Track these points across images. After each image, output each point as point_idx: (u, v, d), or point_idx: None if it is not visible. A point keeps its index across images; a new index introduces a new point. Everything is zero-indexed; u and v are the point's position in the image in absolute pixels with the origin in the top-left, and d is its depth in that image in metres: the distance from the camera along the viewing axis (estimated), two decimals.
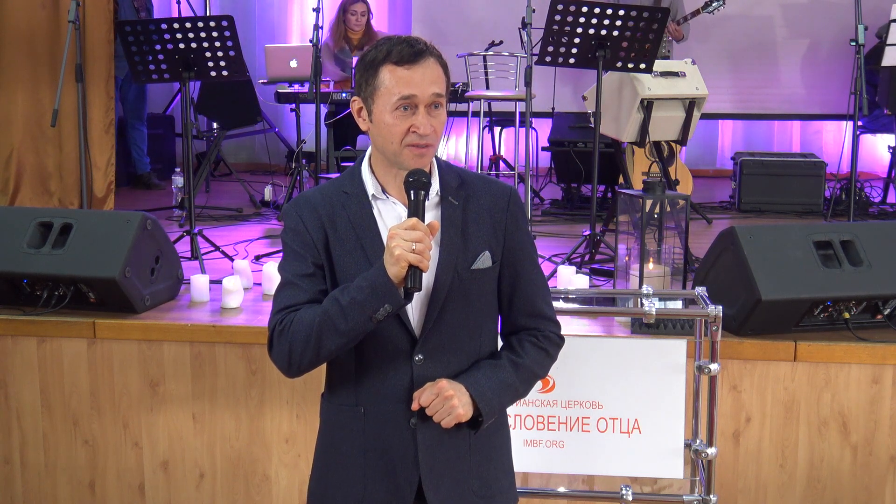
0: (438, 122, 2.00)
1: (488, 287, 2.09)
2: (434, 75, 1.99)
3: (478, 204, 2.07)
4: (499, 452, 2.19)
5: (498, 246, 2.08)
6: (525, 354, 2.11)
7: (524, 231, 2.13)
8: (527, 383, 2.13)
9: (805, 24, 8.11)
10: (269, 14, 8.73)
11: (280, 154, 8.07)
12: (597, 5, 4.59)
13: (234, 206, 6.37)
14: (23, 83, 5.33)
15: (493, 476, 2.16)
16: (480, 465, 2.13)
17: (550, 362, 2.17)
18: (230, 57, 4.74)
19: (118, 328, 3.71)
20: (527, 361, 2.10)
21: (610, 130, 5.25)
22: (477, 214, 2.07)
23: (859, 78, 4.78)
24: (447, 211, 2.05)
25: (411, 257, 1.88)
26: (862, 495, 3.56)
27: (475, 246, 2.05)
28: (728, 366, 3.48)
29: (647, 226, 3.75)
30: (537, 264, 2.16)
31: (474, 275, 2.05)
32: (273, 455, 3.72)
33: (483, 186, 2.10)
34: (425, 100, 1.96)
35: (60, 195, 5.43)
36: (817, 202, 6.42)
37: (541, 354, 2.13)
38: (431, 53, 2.01)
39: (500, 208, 2.08)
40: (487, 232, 2.07)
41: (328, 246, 2.04)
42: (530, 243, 2.15)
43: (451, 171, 2.11)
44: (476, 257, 2.05)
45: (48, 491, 3.84)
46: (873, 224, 4.94)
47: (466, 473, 2.11)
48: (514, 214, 2.10)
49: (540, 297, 2.14)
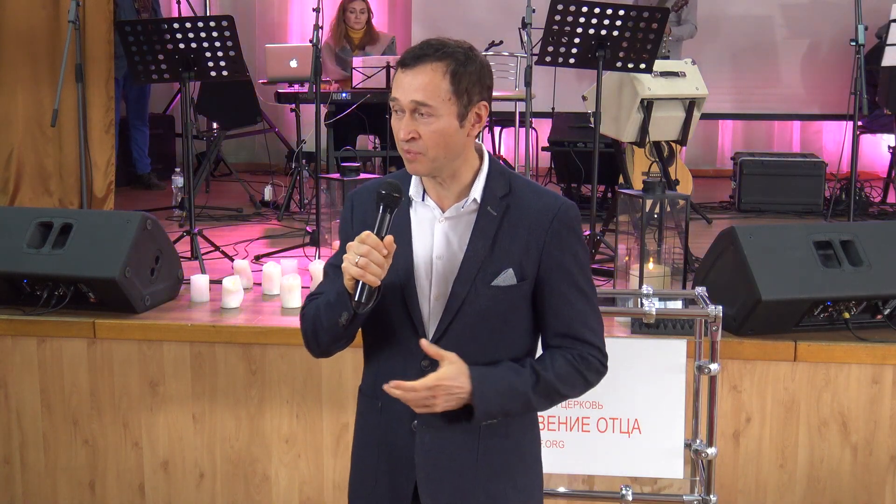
0: (427, 130, 1.92)
1: (513, 304, 1.99)
2: (422, 82, 1.92)
3: (518, 217, 1.98)
4: (514, 470, 2.08)
5: (531, 264, 1.98)
6: (551, 367, 2.00)
7: (569, 252, 1.99)
8: (545, 397, 2.01)
9: (805, 24, 8.11)
10: (269, 14, 8.72)
11: (280, 154, 8.06)
12: (597, 5, 4.59)
13: (234, 206, 6.36)
14: (23, 83, 5.33)
15: (502, 493, 2.06)
16: (489, 479, 2.05)
17: (583, 385, 2.04)
18: (230, 57, 4.74)
19: (118, 328, 3.71)
20: (549, 375, 1.99)
21: (610, 130, 5.25)
22: (514, 228, 1.98)
23: (859, 78, 4.77)
24: (481, 221, 1.99)
25: (353, 271, 1.89)
26: (862, 495, 3.56)
27: (502, 261, 1.97)
28: (728, 366, 3.48)
29: (647, 226, 3.75)
30: (583, 289, 2.02)
31: (494, 291, 1.97)
32: (273, 455, 3.72)
33: (532, 199, 2.00)
34: (406, 105, 1.93)
35: (60, 195, 5.43)
36: (817, 202, 6.42)
37: (571, 373, 2.00)
38: (436, 59, 1.92)
39: (542, 225, 1.98)
40: (520, 248, 1.98)
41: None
42: (576, 265, 2.01)
43: (502, 178, 2.02)
44: (499, 273, 1.97)
45: (48, 491, 3.84)
46: (873, 224, 4.94)
47: (471, 486, 2.05)
48: (558, 233, 1.98)
49: (579, 320, 2.02)
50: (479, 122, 1.99)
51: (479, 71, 1.96)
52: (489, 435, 2.03)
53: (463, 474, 2.04)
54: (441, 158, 1.96)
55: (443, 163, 1.97)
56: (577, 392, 2.06)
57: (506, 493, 2.07)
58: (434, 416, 2.00)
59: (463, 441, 2.03)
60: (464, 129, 1.96)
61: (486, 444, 2.04)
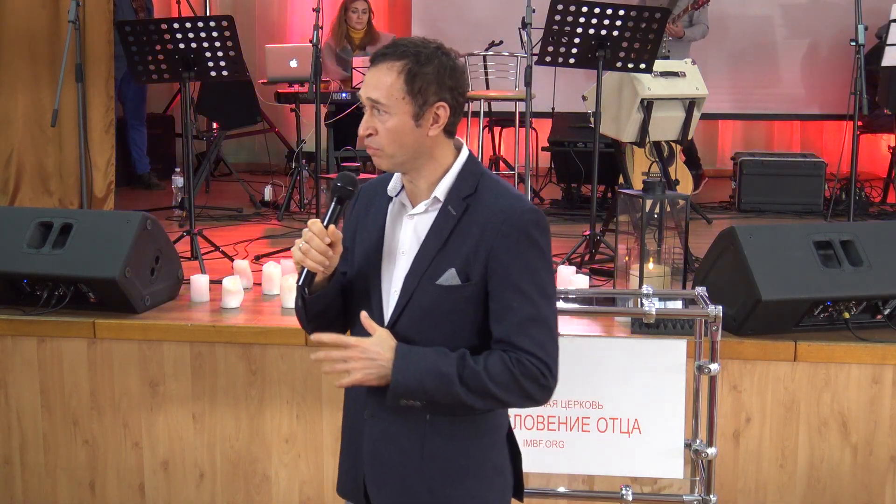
0: (382, 128, 1.96)
1: (457, 305, 1.97)
2: (376, 80, 1.96)
3: (474, 218, 1.98)
4: (464, 474, 2.04)
5: (478, 266, 1.95)
6: (482, 361, 1.93)
7: (518, 257, 1.94)
8: (474, 391, 1.93)
9: (805, 24, 8.11)
10: (269, 14, 8.72)
11: (280, 154, 8.06)
12: (597, 5, 4.59)
13: (234, 206, 6.36)
14: (23, 83, 5.33)
15: (447, 494, 2.04)
16: (434, 478, 2.03)
17: (519, 391, 1.94)
18: (230, 57, 4.74)
19: (118, 328, 3.71)
20: (479, 368, 1.92)
21: (610, 130, 5.25)
22: (468, 228, 1.97)
23: (859, 78, 4.78)
24: (439, 219, 2.00)
25: (296, 255, 1.98)
26: (862, 495, 3.56)
27: (449, 261, 1.97)
28: (728, 366, 3.48)
29: (647, 226, 3.75)
30: (530, 295, 1.94)
31: (438, 289, 1.97)
32: (273, 455, 3.72)
33: (491, 201, 1.99)
34: (365, 102, 1.99)
35: (60, 195, 5.43)
36: (817, 202, 6.42)
37: (504, 373, 1.92)
38: (394, 58, 1.96)
39: (493, 227, 1.95)
40: (469, 249, 1.96)
41: (355, 233, 2.12)
42: (525, 271, 1.95)
43: (470, 178, 2.02)
44: (445, 272, 1.97)
45: (48, 491, 3.84)
46: (873, 224, 4.94)
47: (415, 481, 2.04)
48: (508, 236, 1.94)
49: (520, 328, 1.94)
50: (438, 123, 1.99)
51: (437, 72, 1.96)
52: (434, 433, 2.02)
53: (407, 470, 2.05)
54: (399, 155, 1.99)
55: (402, 159, 2.00)
56: (514, 398, 1.96)
57: (452, 496, 2.04)
58: (382, 406, 2.02)
59: (408, 436, 2.03)
60: (421, 128, 1.98)
61: (432, 443, 2.03)
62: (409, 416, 2.02)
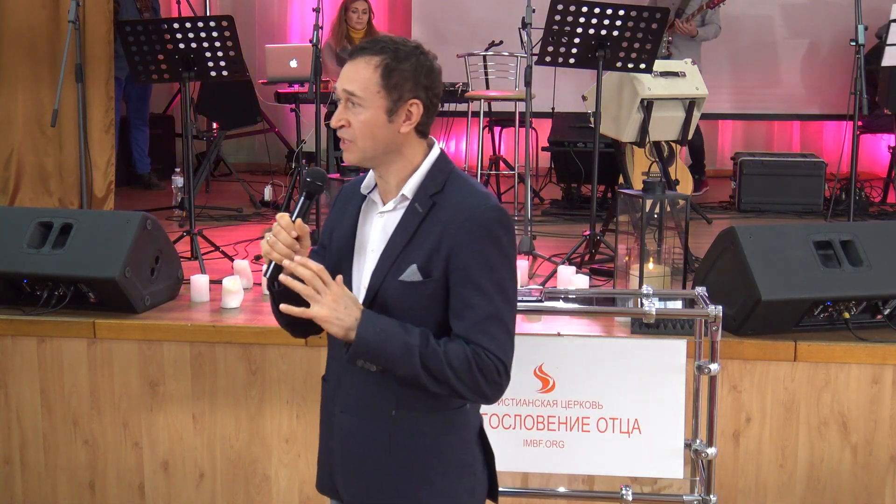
0: (356, 120, 1.99)
1: (419, 301, 1.99)
2: (353, 73, 1.99)
3: (439, 215, 1.99)
4: (429, 471, 2.05)
5: (440, 262, 1.97)
6: (443, 344, 1.94)
7: (477, 254, 1.95)
8: (431, 368, 1.92)
9: (805, 24, 8.11)
10: (269, 14, 8.73)
11: (280, 154, 8.07)
12: (597, 5, 4.59)
13: (234, 206, 6.37)
14: (23, 83, 5.33)
15: (414, 492, 2.05)
16: (399, 475, 2.04)
17: (472, 383, 1.94)
18: (230, 57, 4.74)
19: (118, 328, 3.71)
20: (440, 349, 1.93)
21: (610, 130, 5.25)
22: (432, 226, 1.99)
23: (859, 78, 4.77)
24: (406, 217, 2.03)
25: (263, 248, 2.01)
26: (862, 495, 3.56)
27: (412, 257, 1.99)
28: (728, 366, 3.48)
29: (647, 226, 3.75)
30: (489, 294, 1.95)
31: (401, 285, 1.99)
32: (273, 455, 3.72)
33: (457, 199, 2.00)
34: (340, 94, 2.01)
35: (60, 195, 5.43)
36: (817, 202, 6.42)
37: (463, 360, 1.93)
38: (372, 53, 1.98)
39: (455, 224, 1.96)
40: (431, 246, 1.98)
41: (332, 231, 2.16)
42: (485, 268, 1.95)
43: (439, 176, 2.04)
44: (408, 268, 1.99)
45: (48, 491, 3.84)
46: (873, 224, 4.94)
47: (382, 477, 2.06)
48: (469, 233, 1.95)
49: (478, 325, 1.95)
50: (410, 120, 2.01)
51: (414, 69, 1.99)
52: (399, 429, 2.04)
53: (374, 466, 2.07)
54: (369, 150, 2.01)
55: (372, 154, 2.02)
56: (466, 389, 1.95)
57: (418, 492, 2.06)
58: (351, 402, 2.06)
59: (374, 432, 2.05)
60: (393, 123, 2.00)
61: (398, 439, 2.04)
62: (376, 411, 2.04)
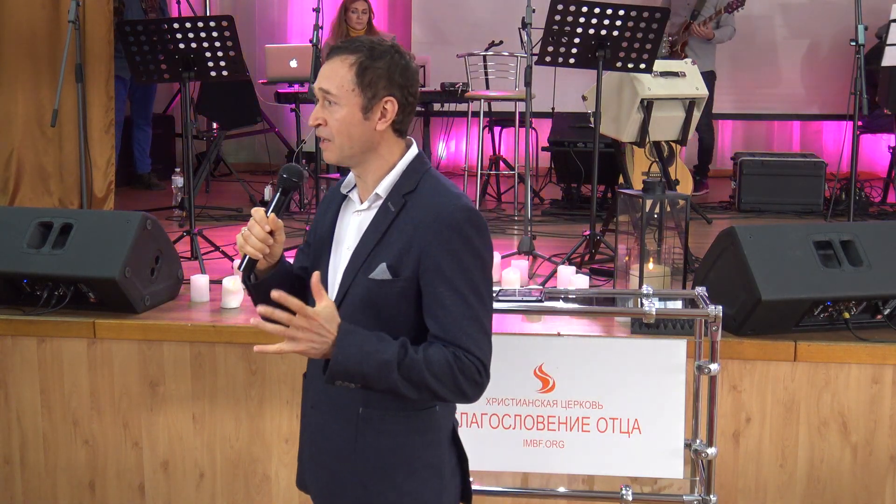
0: (332, 118, 2.01)
1: (389, 300, 2.00)
2: (329, 72, 2.02)
3: (411, 214, 2.00)
4: (395, 471, 2.05)
5: (410, 262, 1.98)
6: (422, 351, 1.93)
7: (449, 253, 1.96)
8: (410, 380, 1.92)
9: (805, 24, 8.11)
10: (269, 14, 8.73)
11: (280, 154, 8.07)
12: (597, 5, 4.59)
13: (234, 206, 6.37)
14: (23, 83, 5.33)
15: (380, 492, 2.06)
16: (366, 472, 2.06)
17: (453, 386, 1.94)
18: (230, 57, 4.74)
19: (118, 328, 3.71)
20: (419, 357, 1.92)
21: (610, 130, 5.25)
22: (404, 225, 2.00)
23: (859, 78, 4.78)
24: (379, 216, 2.05)
25: (238, 241, 2.05)
26: (862, 495, 3.56)
27: (382, 255, 2.00)
28: (728, 366, 3.48)
29: (647, 226, 3.75)
30: (462, 293, 1.96)
31: (371, 283, 2.00)
32: (273, 455, 3.72)
33: (429, 198, 2.01)
34: (318, 93, 2.04)
35: (60, 195, 5.43)
36: (817, 202, 6.43)
37: (443, 365, 1.93)
38: (348, 52, 2.01)
39: (425, 224, 1.97)
40: (401, 245, 1.99)
41: (316, 229, 2.20)
42: (457, 268, 1.96)
43: (413, 176, 2.05)
44: (378, 266, 2.00)
45: (48, 491, 3.84)
46: (873, 224, 4.94)
47: (348, 475, 2.07)
48: (440, 233, 1.96)
49: (455, 324, 1.95)
50: (386, 118, 2.03)
51: (388, 67, 2.01)
52: (366, 427, 2.05)
53: (340, 464, 2.08)
54: (346, 147, 2.04)
55: (349, 152, 2.05)
56: (448, 392, 1.96)
57: (384, 491, 2.06)
58: (321, 398, 2.09)
59: (342, 429, 2.07)
60: (369, 121, 2.02)
61: (365, 437, 2.05)
62: (344, 409, 2.06)
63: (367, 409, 2.04)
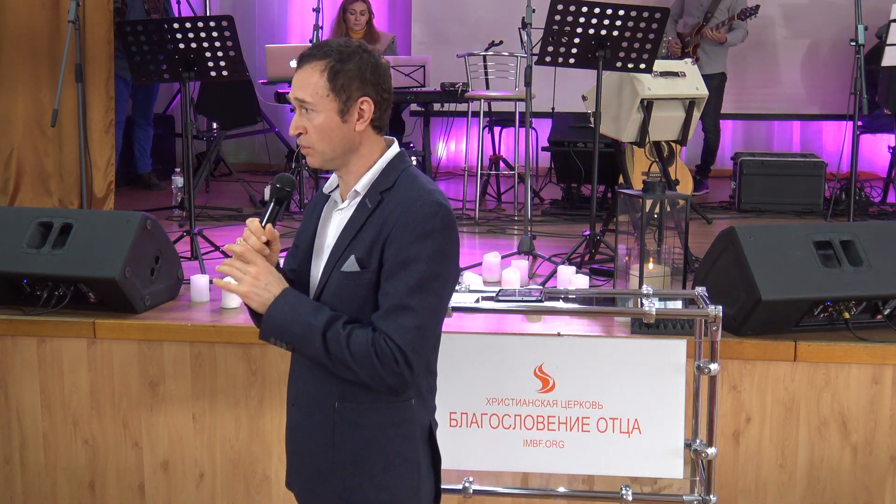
0: (311, 126, 2.05)
1: (358, 292, 2.04)
2: (301, 80, 2.04)
3: (384, 210, 2.05)
4: (372, 465, 2.08)
5: (375, 253, 2.03)
6: (349, 327, 1.99)
7: (405, 246, 1.99)
8: (331, 354, 1.98)
9: (805, 24, 8.11)
10: (269, 14, 8.73)
11: (280, 154, 8.07)
12: (597, 5, 4.58)
13: (234, 206, 6.37)
14: (23, 83, 5.33)
15: (358, 485, 2.08)
16: (345, 468, 2.09)
17: (370, 368, 1.97)
18: (230, 57, 4.74)
19: (118, 328, 3.71)
20: (343, 334, 1.98)
21: (610, 130, 5.25)
22: (377, 219, 2.05)
23: (859, 78, 4.78)
24: (356, 213, 2.10)
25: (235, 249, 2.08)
26: (862, 495, 3.56)
27: (354, 249, 2.05)
28: (728, 366, 3.48)
29: (647, 226, 3.75)
30: (409, 282, 1.98)
31: (343, 276, 2.05)
32: (273, 455, 3.72)
33: (402, 195, 2.05)
34: (294, 102, 2.07)
35: (60, 195, 5.43)
36: (817, 202, 6.42)
37: (363, 345, 1.97)
38: (317, 58, 2.03)
39: (392, 217, 2.02)
40: (371, 238, 2.04)
41: (302, 231, 2.24)
42: (408, 259, 1.99)
43: (392, 173, 2.09)
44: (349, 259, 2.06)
45: (48, 491, 3.84)
46: (873, 224, 4.94)
47: (327, 470, 2.11)
48: (402, 226, 2.00)
49: (389, 312, 1.98)
50: (364, 118, 2.06)
51: (359, 67, 2.04)
52: (342, 421, 2.08)
53: (319, 458, 2.11)
54: (328, 152, 2.08)
55: (332, 156, 2.09)
56: (366, 375, 1.98)
57: (362, 486, 2.09)
58: (300, 394, 2.13)
59: (319, 424, 2.10)
60: (347, 123, 2.06)
61: (341, 431, 2.09)
62: (321, 404, 2.10)
63: (344, 403, 2.08)
